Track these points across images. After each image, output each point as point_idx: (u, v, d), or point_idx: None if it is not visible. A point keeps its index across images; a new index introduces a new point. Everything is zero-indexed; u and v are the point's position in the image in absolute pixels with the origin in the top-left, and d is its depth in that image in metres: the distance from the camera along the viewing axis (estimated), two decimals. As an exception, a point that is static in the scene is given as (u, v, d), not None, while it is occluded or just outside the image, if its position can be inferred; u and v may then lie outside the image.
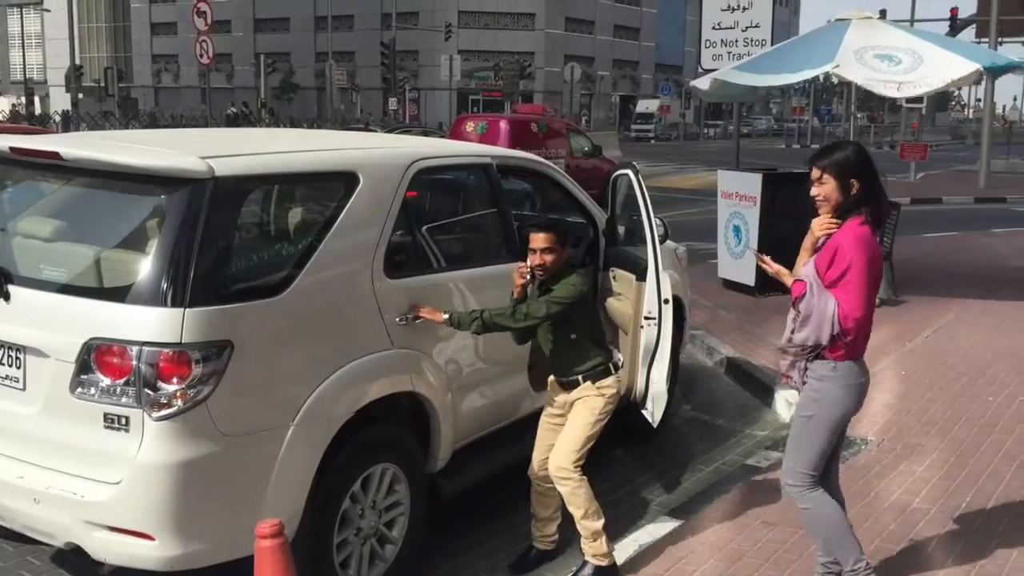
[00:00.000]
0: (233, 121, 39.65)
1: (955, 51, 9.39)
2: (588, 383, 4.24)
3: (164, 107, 60.78)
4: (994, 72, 9.56)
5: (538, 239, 4.14)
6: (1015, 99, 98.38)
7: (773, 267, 3.68)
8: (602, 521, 4.19)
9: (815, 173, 3.57)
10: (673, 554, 4.38)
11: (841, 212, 3.53)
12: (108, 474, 3.29)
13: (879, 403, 6.62)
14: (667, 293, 4.73)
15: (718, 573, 4.23)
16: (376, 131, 23.64)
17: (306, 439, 3.58)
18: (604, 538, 4.19)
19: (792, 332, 3.60)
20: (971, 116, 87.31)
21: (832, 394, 3.58)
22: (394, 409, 4.15)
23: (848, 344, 3.51)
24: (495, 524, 4.85)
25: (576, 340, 4.24)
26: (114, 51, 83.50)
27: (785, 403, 6.74)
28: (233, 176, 3.52)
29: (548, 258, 4.12)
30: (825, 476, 3.78)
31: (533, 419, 4.62)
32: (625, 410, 4.64)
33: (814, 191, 3.57)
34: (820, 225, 3.57)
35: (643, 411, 4.97)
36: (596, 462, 4.54)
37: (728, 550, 4.42)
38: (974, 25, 35.55)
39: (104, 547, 3.32)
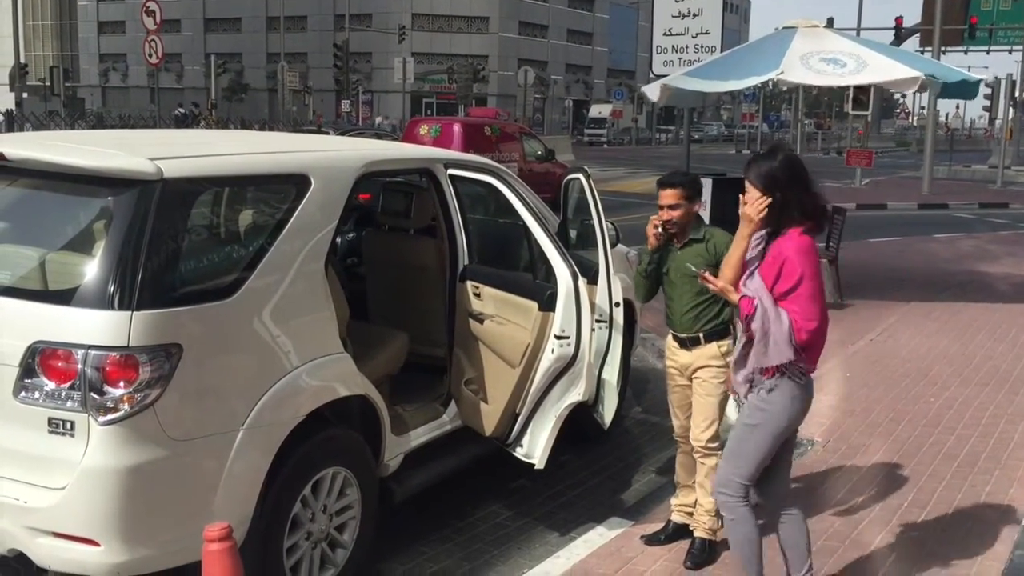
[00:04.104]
0: (182, 122, 39.07)
1: (899, 59, 9.62)
2: (711, 343, 4.31)
3: (112, 107, 59.79)
4: (947, 88, 9.69)
5: (665, 195, 4.27)
6: (957, 107, 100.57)
7: (718, 284, 3.60)
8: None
9: (747, 183, 3.52)
10: (624, 555, 4.42)
11: (776, 221, 3.46)
12: (52, 479, 3.24)
13: (824, 404, 6.74)
14: (618, 296, 4.77)
15: (668, 573, 4.28)
16: (328, 133, 23.48)
17: (256, 443, 3.56)
18: (713, 512, 4.30)
19: (744, 348, 3.56)
20: (915, 124, 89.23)
21: (780, 404, 3.53)
22: (346, 412, 4.14)
23: (810, 356, 3.49)
24: (446, 528, 4.85)
25: (708, 297, 4.27)
26: (60, 50, 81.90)
27: (732, 403, 6.82)
28: (182, 178, 3.49)
29: (675, 213, 4.27)
30: (774, 484, 3.75)
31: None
32: (576, 413, 4.66)
33: (745, 200, 3.51)
34: (755, 206, 3.44)
35: (595, 414, 5.01)
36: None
37: (678, 550, 4.47)
38: (918, 34, 36.42)
39: (48, 553, 3.27)
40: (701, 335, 4.35)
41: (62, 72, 42.89)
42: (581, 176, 4.97)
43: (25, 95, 40.95)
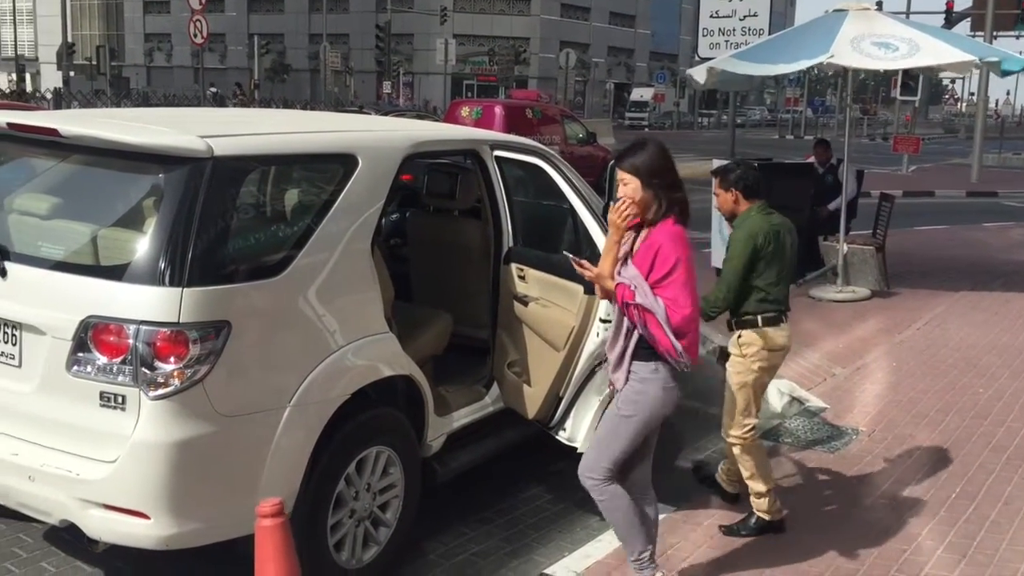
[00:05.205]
0: (218, 101, 39.36)
1: (952, 43, 9.40)
2: (732, 333, 4.43)
3: (156, 87, 60.41)
4: (1007, 72, 9.50)
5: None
6: (1008, 93, 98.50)
7: (592, 271, 3.60)
8: (768, 485, 4.44)
9: (619, 174, 3.53)
10: (666, 540, 4.39)
11: (653, 213, 3.48)
12: (104, 452, 3.28)
13: (870, 394, 6.66)
14: None
15: (711, 559, 4.26)
16: (369, 113, 23.54)
17: (302, 421, 3.58)
18: (768, 498, 4.44)
19: (620, 338, 3.55)
20: (964, 110, 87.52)
21: (653, 395, 3.54)
22: (390, 392, 4.15)
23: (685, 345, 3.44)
24: (487, 509, 4.86)
25: (746, 283, 4.35)
26: (106, 29, 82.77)
27: (777, 392, 6.75)
28: (232, 156, 3.50)
29: (716, 204, 4.54)
30: (635, 470, 3.75)
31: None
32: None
33: (620, 192, 3.53)
34: (619, 213, 3.47)
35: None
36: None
37: (721, 539, 4.45)
38: (969, 19, 35.62)
39: (99, 525, 3.31)
40: (732, 322, 4.44)
41: (108, 52, 43.32)
42: None
43: (72, 74, 41.53)
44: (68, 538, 4.09)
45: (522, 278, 4.71)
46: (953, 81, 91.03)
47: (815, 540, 4.42)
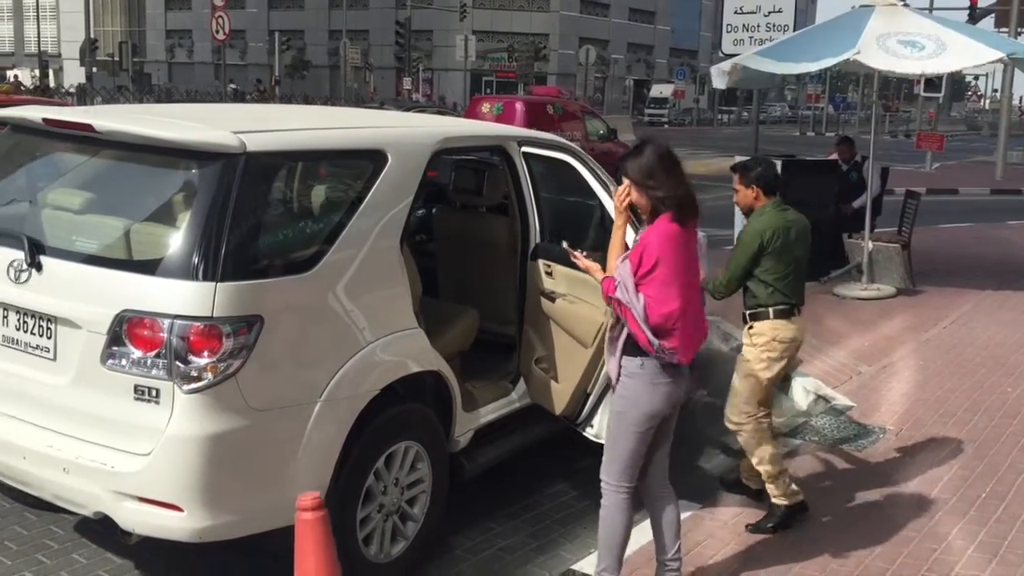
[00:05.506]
0: (238, 98, 39.54)
1: (979, 39, 9.32)
2: (746, 325, 4.53)
3: (177, 83, 60.68)
4: None
5: None
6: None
7: (583, 263, 3.78)
8: (777, 467, 4.50)
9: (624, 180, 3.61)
10: (692, 538, 4.39)
11: (649, 213, 3.56)
12: (138, 445, 3.31)
13: (897, 392, 6.62)
14: None
15: (737, 556, 4.25)
16: (388, 109, 23.58)
17: (333, 415, 3.60)
18: (780, 481, 4.48)
19: (614, 331, 3.60)
20: (987, 107, 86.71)
21: (638, 391, 3.54)
22: (418, 387, 4.16)
23: (665, 342, 3.45)
24: (513, 505, 4.87)
25: (754, 276, 4.47)
26: (128, 25, 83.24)
27: (803, 390, 6.69)
28: (265, 152, 3.52)
29: (735, 199, 4.60)
30: (651, 466, 3.75)
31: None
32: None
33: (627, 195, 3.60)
34: (618, 196, 3.59)
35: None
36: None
37: (748, 536, 4.44)
38: (993, 15, 35.24)
39: (133, 517, 3.34)
40: (745, 314, 4.56)
41: (130, 48, 43.63)
42: None
43: (95, 70, 41.84)
44: (99, 530, 4.13)
45: (549, 274, 4.70)
46: (976, 78, 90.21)
47: (843, 538, 4.40)
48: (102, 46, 51.30)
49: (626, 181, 3.58)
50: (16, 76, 48.90)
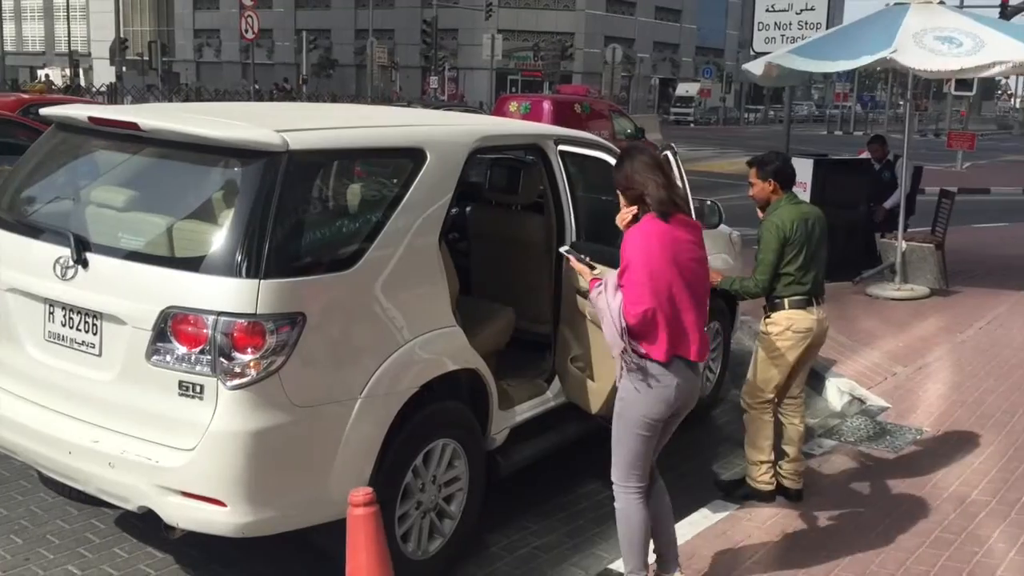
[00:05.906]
0: (259, 97, 39.83)
1: (1014, 35, 9.19)
2: (764, 314, 4.69)
3: (205, 81, 61.16)
4: None
5: None
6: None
7: (577, 266, 3.89)
8: (764, 455, 4.73)
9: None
10: (730, 538, 4.38)
11: (632, 217, 3.60)
12: (182, 440, 3.34)
13: (933, 393, 6.56)
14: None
15: (775, 556, 4.23)
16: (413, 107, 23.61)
17: (372, 412, 3.62)
18: (761, 469, 4.73)
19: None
20: (1018, 105, 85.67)
21: (632, 392, 3.53)
22: (455, 385, 4.17)
23: (649, 343, 3.45)
24: (548, 504, 4.87)
25: (781, 268, 4.57)
26: (157, 25, 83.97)
27: (836, 391, 6.69)
28: (307, 150, 3.54)
29: (750, 192, 4.70)
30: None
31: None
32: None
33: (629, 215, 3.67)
34: (620, 218, 3.65)
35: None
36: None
37: (786, 537, 4.41)
38: (1026, 12, 34.80)
39: (177, 512, 3.37)
40: (767, 304, 4.71)
41: (159, 47, 43.98)
42: (668, 154, 4.89)
43: (124, 69, 42.20)
44: (140, 524, 4.18)
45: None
46: (1007, 76, 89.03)
47: (882, 541, 4.37)
48: (131, 45, 51.82)
49: (622, 201, 3.65)
50: (47, 75, 49.53)
